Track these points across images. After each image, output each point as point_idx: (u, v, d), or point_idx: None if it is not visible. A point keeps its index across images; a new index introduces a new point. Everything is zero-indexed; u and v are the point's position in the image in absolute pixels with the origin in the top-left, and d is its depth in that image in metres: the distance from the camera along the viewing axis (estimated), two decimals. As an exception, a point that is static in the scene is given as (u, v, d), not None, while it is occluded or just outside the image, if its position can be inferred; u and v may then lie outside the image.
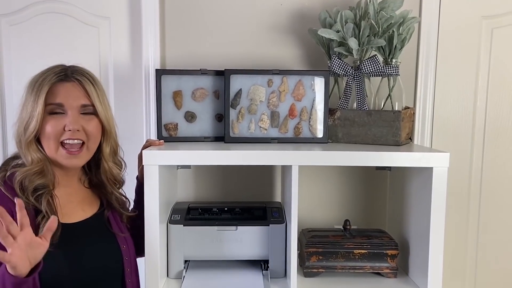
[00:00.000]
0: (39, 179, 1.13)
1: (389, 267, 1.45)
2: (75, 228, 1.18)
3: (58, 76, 1.15)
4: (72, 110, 1.15)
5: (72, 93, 1.15)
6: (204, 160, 1.29)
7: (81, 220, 1.21)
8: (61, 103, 1.14)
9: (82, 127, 1.16)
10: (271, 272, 1.42)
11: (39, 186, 1.13)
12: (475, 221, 1.79)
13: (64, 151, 1.15)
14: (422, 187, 1.34)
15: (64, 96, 1.14)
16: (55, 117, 1.14)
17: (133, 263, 1.29)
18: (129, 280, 1.25)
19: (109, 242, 1.24)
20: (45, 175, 1.15)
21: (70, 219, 1.19)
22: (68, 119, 1.14)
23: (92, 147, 1.21)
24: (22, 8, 1.71)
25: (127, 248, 1.26)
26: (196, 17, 1.68)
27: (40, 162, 1.14)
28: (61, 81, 1.15)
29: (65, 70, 1.18)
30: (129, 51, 1.74)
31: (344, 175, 1.74)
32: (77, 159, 1.18)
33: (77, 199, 1.24)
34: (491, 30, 1.72)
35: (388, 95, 1.50)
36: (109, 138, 1.24)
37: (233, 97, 1.48)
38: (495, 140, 1.76)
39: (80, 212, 1.23)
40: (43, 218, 1.10)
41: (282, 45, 1.70)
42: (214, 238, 1.42)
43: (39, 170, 1.14)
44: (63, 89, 1.15)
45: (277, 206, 1.55)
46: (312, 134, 1.50)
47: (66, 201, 1.20)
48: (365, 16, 1.48)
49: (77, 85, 1.16)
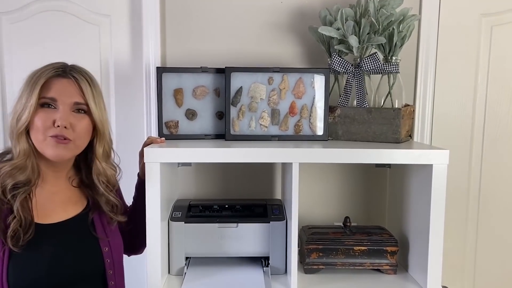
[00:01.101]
0: (20, 174, 1.13)
1: (388, 264, 1.46)
2: (52, 229, 1.17)
3: (56, 71, 1.15)
4: (64, 106, 1.14)
5: (66, 89, 1.15)
6: (205, 157, 1.29)
7: (61, 220, 1.20)
8: (54, 98, 1.13)
9: (71, 124, 1.14)
10: (272, 268, 1.43)
11: (19, 183, 1.12)
12: (474, 217, 1.80)
13: (52, 140, 1.13)
14: (422, 184, 1.35)
15: (58, 91, 1.14)
16: (46, 110, 1.13)
17: (117, 265, 1.26)
18: (112, 283, 1.24)
19: (89, 244, 1.22)
20: (26, 170, 1.13)
21: (49, 219, 1.18)
22: (59, 114, 1.13)
23: (80, 145, 1.19)
24: (23, 6, 1.71)
25: (110, 250, 1.24)
26: (196, 15, 1.69)
27: (25, 154, 1.13)
28: (58, 76, 1.15)
29: (65, 67, 1.18)
30: (129, 49, 1.75)
31: (344, 173, 1.75)
32: (64, 150, 1.15)
33: (61, 198, 1.22)
34: (490, 27, 1.72)
35: (388, 93, 1.51)
36: (102, 139, 1.22)
37: (233, 94, 1.48)
38: (495, 137, 1.76)
39: (61, 212, 1.21)
40: (14, 218, 1.09)
41: (282, 43, 1.70)
42: (215, 235, 1.43)
43: (22, 164, 1.13)
44: (58, 84, 1.15)
45: (278, 203, 1.56)
46: (312, 132, 1.50)
47: (47, 201, 1.19)
48: (365, 13, 1.49)
49: (73, 82, 1.16)
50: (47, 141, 1.13)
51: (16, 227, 1.09)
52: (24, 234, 1.10)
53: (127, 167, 1.37)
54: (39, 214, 1.16)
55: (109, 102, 1.76)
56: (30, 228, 1.11)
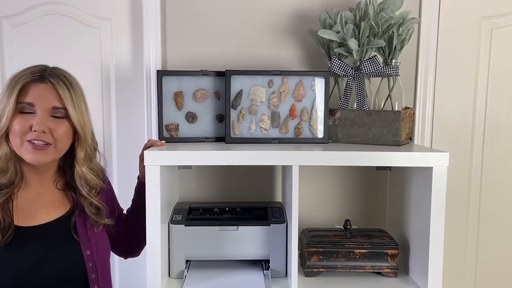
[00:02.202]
0: (2, 177, 1.14)
1: (389, 267, 1.46)
2: (33, 231, 1.17)
3: (34, 76, 1.15)
4: (42, 111, 1.14)
5: (44, 94, 1.14)
6: (205, 160, 1.30)
7: (42, 223, 1.19)
8: (31, 103, 1.13)
9: (49, 129, 1.14)
10: (272, 271, 1.43)
11: (0, 185, 1.13)
12: (475, 220, 1.80)
13: (29, 146, 1.13)
14: (422, 187, 1.35)
15: (35, 97, 1.14)
16: (24, 116, 1.13)
17: (101, 269, 1.25)
18: (95, 287, 1.22)
19: (70, 247, 1.20)
20: (8, 172, 1.14)
21: (30, 222, 1.17)
22: (36, 119, 1.13)
23: (60, 149, 1.19)
24: (24, 10, 1.72)
25: (92, 254, 1.22)
26: (197, 18, 1.69)
27: (6, 157, 1.14)
28: (35, 81, 1.14)
29: (43, 71, 1.16)
30: (130, 52, 1.75)
31: (344, 175, 1.75)
32: (43, 155, 1.15)
33: (44, 201, 1.22)
34: (490, 30, 1.72)
35: (388, 96, 1.51)
36: (83, 143, 1.21)
37: (233, 97, 1.48)
38: (495, 140, 1.76)
39: (43, 215, 1.20)
40: None
41: (282, 46, 1.70)
42: (215, 238, 1.43)
43: (3, 167, 1.14)
44: (36, 89, 1.14)
45: (278, 206, 1.56)
46: (312, 134, 1.50)
47: (30, 203, 1.19)
48: (365, 17, 1.49)
49: (50, 87, 1.15)
50: (24, 146, 1.14)
51: None
52: (3, 236, 1.09)
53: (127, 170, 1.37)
54: (21, 216, 1.16)
55: (109, 105, 1.77)
56: (8, 230, 1.11)
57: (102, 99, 1.76)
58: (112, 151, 1.77)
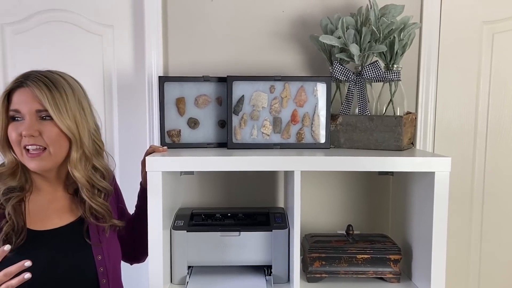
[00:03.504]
0: (11, 180, 1.15)
1: (392, 272, 1.45)
2: (46, 236, 1.17)
3: (15, 82, 1.15)
4: (30, 115, 1.13)
5: (25, 99, 1.14)
6: (207, 166, 1.30)
7: (55, 227, 1.20)
8: (17, 109, 1.14)
9: (39, 132, 1.13)
10: (274, 277, 1.42)
11: (11, 188, 1.15)
12: (477, 225, 1.79)
13: (27, 154, 1.14)
14: (424, 191, 1.34)
15: (18, 102, 1.14)
16: (15, 123, 1.14)
17: (112, 274, 1.25)
18: None
19: (82, 252, 1.21)
20: (16, 177, 1.16)
21: (43, 226, 1.18)
22: (24, 125, 1.13)
23: (56, 152, 1.16)
24: (27, 17, 1.73)
25: (103, 259, 1.22)
26: (198, 25, 1.70)
27: (12, 164, 1.16)
28: (18, 87, 1.15)
29: (26, 77, 1.15)
30: (132, 58, 1.76)
31: (346, 180, 1.75)
32: (40, 162, 1.14)
33: (56, 206, 1.23)
34: (492, 35, 1.73)
35: (390, 101, 1.51)
36: (77, 145, 1.17)
37: (235, 103, 1.49)
38: (497, 144, 1.76)
39: (56, 219, 1.21)
40: (7, 222, 1.11)
41: (284, 52, 1.71)
42: (217, 244, 1.42)
43: (10, 172, 1.16)
44: (18, 95, 1.14)
45: (280, 212, 1.56)
46: (314, 140, 1.50)
47: (42, 208, 1.20)
48: (366, 22, 1.49)
49: (29, 90, 1.13)
50: (24, 155, 1.15)
51: (9, 230, 1.10)
52: (16, 238, 1.10)
53: (129, 176, 1.38)
54: (33, 220, 1.17)
55: (112, 111, 1.77)
56: (22, 233, 1.12)
57: (104, 105, 1.77)
58: (114, 157, 1.75)
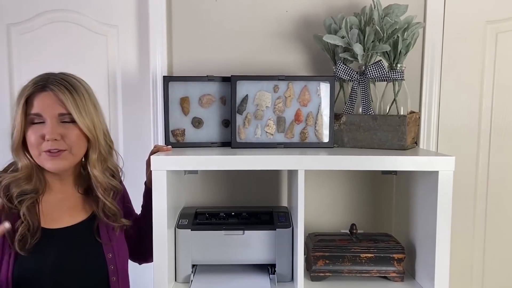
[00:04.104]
0: (26, 184, 1.16)
1: (395, 271, 1.45)
2: (58, 234, 1.19)
3: (36, 86, 1.16)
4: (51, 119, 1.15)
5: (48, 103, 1.15)
6: (211, 165, 1.30)
7: (67, 226, 1.22)
8: (38, 113, 1.15)
9: (61, 136, 1.15)
10: (278, 276, 1.43)
11: (26, 191, 1.16)
12: (481, 224, 1.79)
13: (46, 154, 1.15)
14: (428, 191, 1.35)
15: (40, 106, 1.15)
16: (35, 126, 1.15)
17: (121, 272, 1.27)
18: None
19: (93, 249, 1.23)
20: (31, 181, 1.17)
21: (55, 224, 1.20)
22: (47, 129, 1.14)
23: (77, 153, 1.19)
24: (32, 17, 1.74)
25: (114, 257, 1.24)
26: (202, 24, 1.70)
27: (27, 168, 1.17)
28: (39, 90, 1.15)
29: (45, 80, 1.17)
30: (136, 58, 1.77)
31: (350, 180, 1.75)
32: (60, 161, 1.16)
33: (67, 205, 1.24)
34: (495, 34, 1.72)
35: (393, 100, 1.51)
36: (95, 146, 1.21)
37: (239, 103, 1.49)
38: (501, 144, 1.76)
39: (68, 218, 1.23)
40: (22, 223, 1.12)
41: (287, 51, 1.71)
42: (221, 243, 1.43)
43: (26, 176, 1.16)
44: (39, 99, 1.15)
45: (284, 211, 1.56)
46: (318, 139, 1.51)
47: (54, 207, 1.21)
48: (369, 22, 1.49)
49: (52, 94, 1.15)
50: (42, 156, 1.16)
51: (24, 231, 1.12)
52: (31, 238, 1.12)
53: (134, 175, 1.38)
54: (46, 219, 1.18)
55: (116, 111, 1.78)
56: (37, 232, 1.14)
57: (109, 104, 1.77)
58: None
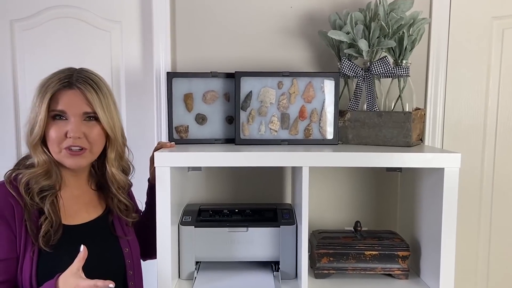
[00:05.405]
0: (45, 180, 1.16)
1: (400, 269, 1.44)
2: (77, 230, 1.20)
3: (62, 83, 1.16)
4: (75, 117, 1.15)
5: (74, 101, 1.16)
6: (215, 162, 1.30)
7: (84, 222, 1.23)
8: (63, 110, 1.15)
9: (84, 134, 1.16)
10: (282, 273, 1.42)
11: (45, 187, 1.16)
12: (487, 222, 1.78)
13: (67, 152, 1.16)
14: (433, 188, 1.34)
15: (66, 104, 1.15)
16: (58, 122, 1.16)
17: (137, 266, 1.30)
18: (131, 283, 1.26)
19: (111, 244, 1.25)
20: (50, 177, 1.17)
21: (73, 220, 1.21)
22: (70, 126, 1.15)
23: (96, 151, 1.22)
24: (35, 13, 1.74)
25: (130, 251, 1.27)
26: (206, 20, 1.70)
27: (45, 164, 1.17)
28: (64, 88, 1.16)
29: (70, 77, 1.17)
30: (140, 54, 1.76)
31: (354, 177, 1.74)
32: (80, 159, 1.18)
33: (83, 201, 1.26)
34: (502, 30, 1.71)
35: (399, 96, 1.50)
36: (114, 144, 1.23)
37: (243, 99, 1.48)
38: (507, 141, 1.74)
39: (84, 214, 1.24)
40: (46, 219, 1.13)
41: (292, 47, 1.70)
42: (225, 240, 1.43)
43: (44, 171, 1.16)
44: (65, 96, 1.15)
45: (288, 208, 1.56)
46: (322, 136, 1.50)
47: (71, 203, 1.22)
48: (375, 17, 1.48)
49: (79, 93, 1.16)
50: (63, 153, 1.16)
51: (48, 228, 1.13)
52: (55, 234, 1.13)
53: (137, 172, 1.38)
54: (64, 216, 1.19)
55: (120, 107, 1.75)
56: (59, 229, 1.15)
57: (113, 101, 1.77)
58: (123, 153, 1.77)
